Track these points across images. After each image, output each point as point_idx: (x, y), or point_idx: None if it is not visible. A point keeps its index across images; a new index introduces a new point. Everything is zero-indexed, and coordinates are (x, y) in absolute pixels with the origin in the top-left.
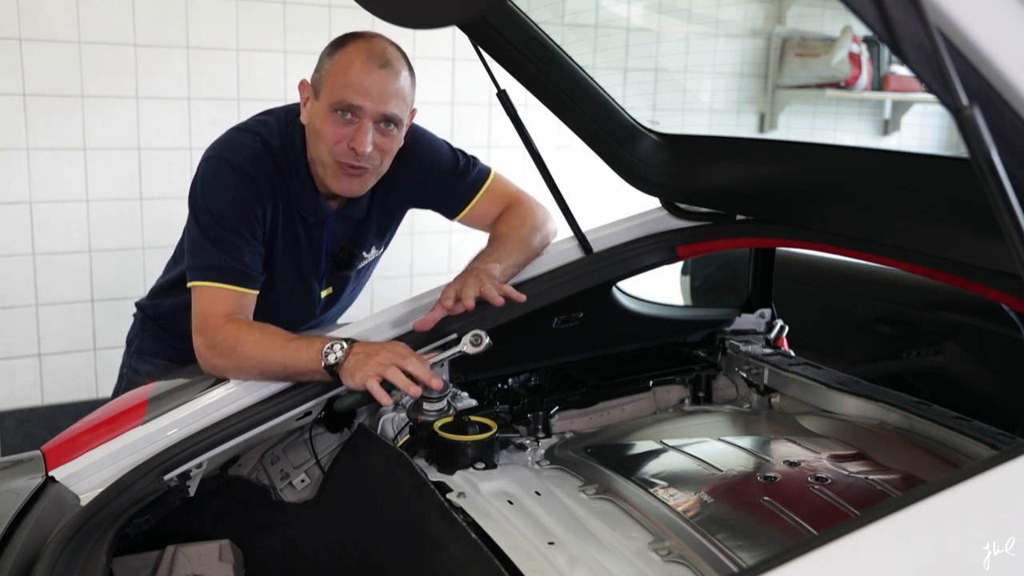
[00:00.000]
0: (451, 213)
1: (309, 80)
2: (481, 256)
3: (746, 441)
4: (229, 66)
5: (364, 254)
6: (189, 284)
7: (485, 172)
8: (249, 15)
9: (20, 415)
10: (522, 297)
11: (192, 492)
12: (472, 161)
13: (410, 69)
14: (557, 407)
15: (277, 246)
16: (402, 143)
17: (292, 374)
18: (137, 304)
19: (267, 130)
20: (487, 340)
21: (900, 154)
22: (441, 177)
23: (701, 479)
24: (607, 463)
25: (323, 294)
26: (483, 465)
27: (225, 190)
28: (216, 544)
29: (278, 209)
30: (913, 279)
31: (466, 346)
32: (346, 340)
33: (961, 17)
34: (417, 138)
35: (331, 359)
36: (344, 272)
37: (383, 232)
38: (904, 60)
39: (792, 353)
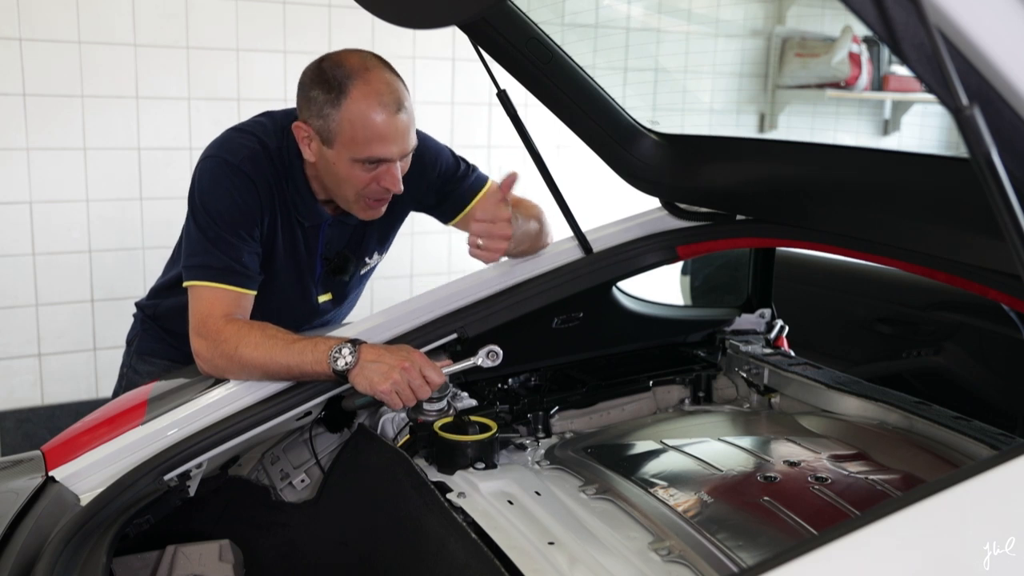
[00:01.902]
0: (447, 217)
1: (304, 123)
2: None
3: (746, 441)
4: (229, 66)
5: (367, 260)
6: (186, 284)
7: (483, 178)
8: (249, 15)
9: (20, 415)
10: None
11: (192, 492)
12: (472, 168)
13: (405, 85)
14: (557, 407)
15: (276, 249)
16: None
17: (297, 375)
18: (137, 304)
19: (264, 132)
20: (501, 356)
21: (900, 154)
22: (441, 181)
23: (701, 479)
24: (607, 463)
25: (321, 299)
26: (483, 465)
27: (223, 190)
28: (216, 544)
29: (276, 211)
30: (913, 279)
31: (481, 359)
32: (352, 341)
33: (961, 17)
34: (420, 143)
35: (340, 364)
36: (339, 277)
37: (385, 238)
38: (904, 60)
39: (792, 353)
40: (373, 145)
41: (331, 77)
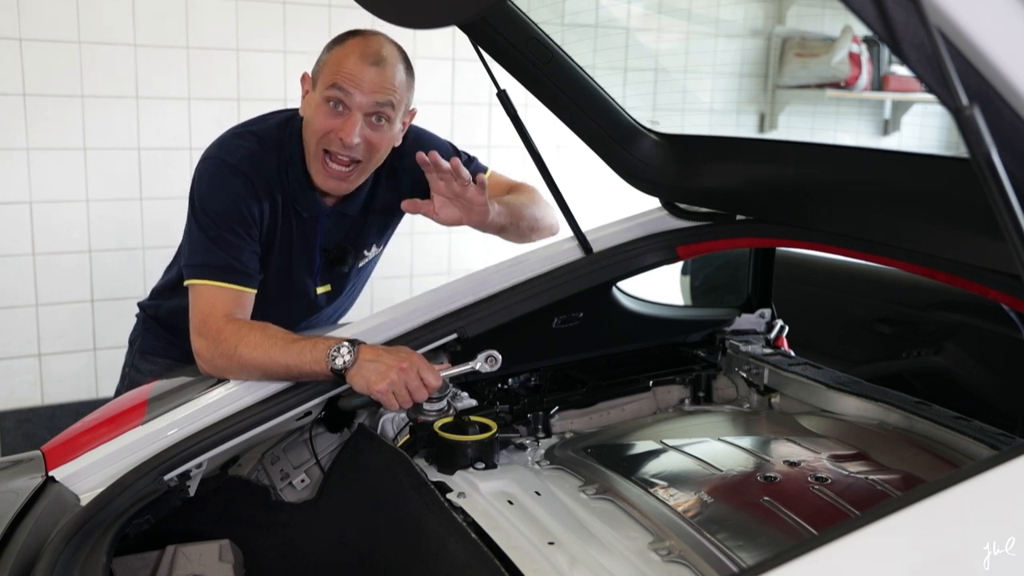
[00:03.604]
0: None
1: (310, 73)
2: None
3: (746, 441)
4: (229, 66)
5: (365, 252)
6: (187, 282)
7: (482, 169)
8: (249, 15)
9: (20, 415)
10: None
11: (192, 492)
12: (471, 158)
13: (408, 68)
14: (557, 407)
15: (274, 242)
16: (397, 142)
17: (296, 375)
18: (139, 304)
19: (264, 127)
20: (500, 361)
21: (900, 154)
22: None
23: (701, 479)
24: (607, 463)
25: (319, 291)
26: (483, 465)
27: (222, 191)
28: (216, 544)
29: (276, 206)
30: (913, 279)
31: (480, 364)
32: (351, 341)
33: (961, 17)
34: (421, 138)
35: (339, 363)
36: (338, 268)
37: (383, 231)
38: (904, 60)
39: (792, 353)
40: (341, 77)
41: (342, 34)
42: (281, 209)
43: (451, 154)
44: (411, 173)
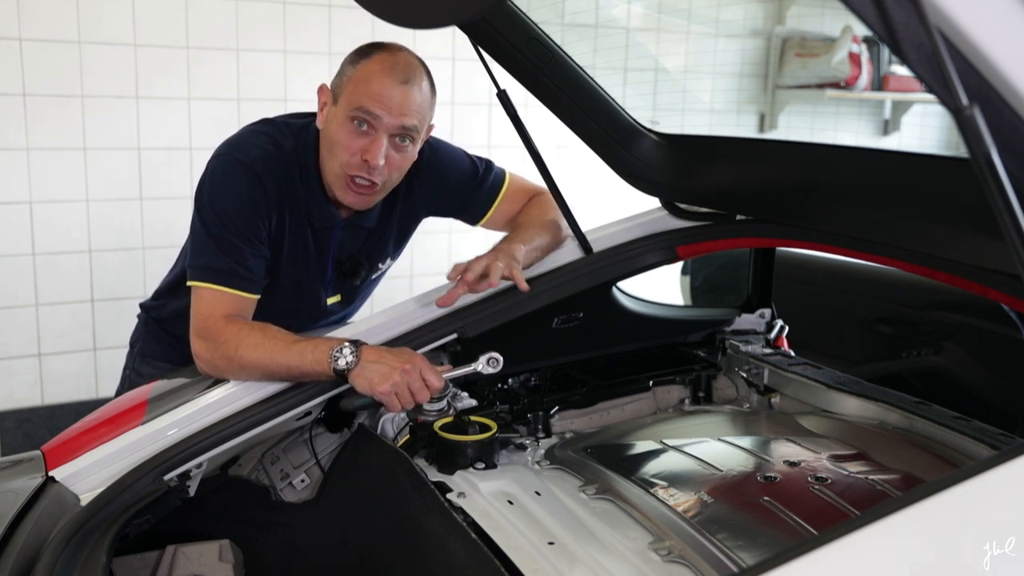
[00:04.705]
0: (473, 220)
1: (329, 85)
2: (505, 240)
3: (746, 441)
4: (229, 66)
5: (379, 265)
6: (189, 283)
7: (501, 176)
8: (249, 15)
9: (20, 415)
10: (525, 288)
11: (192, 492)
12: (488, 166)
13: (431, 85)
14: (557, 407)
15: (284, 250)
16: (415, 158)
17: (297, 376)
18: (141, 305)
19: (280, 132)
20: (502, 362)
21: (900, 154)
22: (460, 188)
23: (701, 479)
24: (607, 463)
25: (330, 301)
26: (483, 465)
27: (232, 190)
28: (216, 544)
29: (285, 212)
30: (913, 279)
31: (482, 366)
32: (352, 342)
33: (961, 17)
34: (437, 151)
35: (341, 364)
36: (350, 280)
37: (399, 244)
38: (904, 60)
39: (792, 353)
40: (368, 98)
41: (365, 48)
42: (293, 216)
43: (466, 163)
44: (424, 184)
